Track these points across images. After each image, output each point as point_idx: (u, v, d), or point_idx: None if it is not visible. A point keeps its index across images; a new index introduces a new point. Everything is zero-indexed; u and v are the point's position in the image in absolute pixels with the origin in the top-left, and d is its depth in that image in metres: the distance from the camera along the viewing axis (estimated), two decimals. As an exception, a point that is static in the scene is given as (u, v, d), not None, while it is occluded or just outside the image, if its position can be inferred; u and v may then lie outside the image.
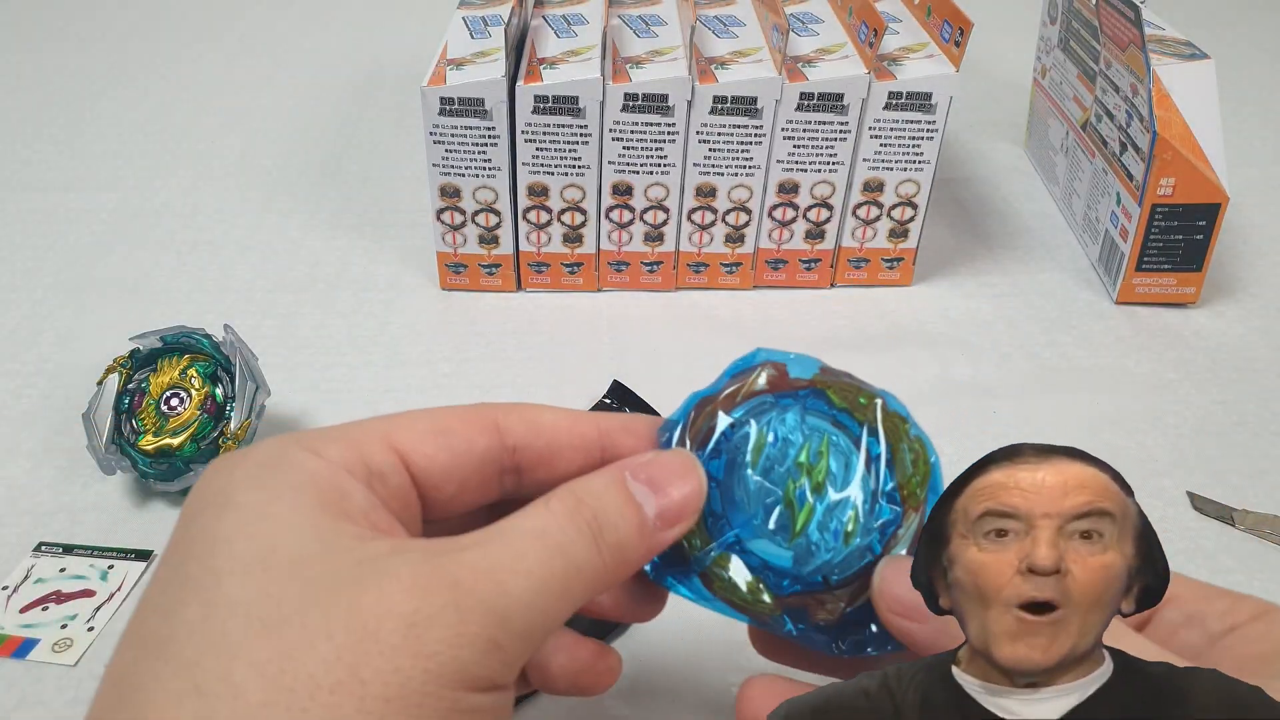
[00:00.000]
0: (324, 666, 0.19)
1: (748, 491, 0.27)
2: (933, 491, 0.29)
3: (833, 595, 0.27)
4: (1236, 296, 0.64)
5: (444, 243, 0.62)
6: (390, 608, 0.20)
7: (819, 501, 0.27)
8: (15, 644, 0.41)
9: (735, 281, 0.64)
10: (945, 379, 0.57)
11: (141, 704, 0.20)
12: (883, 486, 0.28)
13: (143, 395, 0.47)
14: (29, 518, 0.47)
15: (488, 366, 0.57)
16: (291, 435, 0.24)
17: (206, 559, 0.21)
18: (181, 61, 0.99)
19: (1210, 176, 0.58)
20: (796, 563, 0.27)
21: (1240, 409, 0.55)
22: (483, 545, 0.22)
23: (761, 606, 0.27)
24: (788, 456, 0.28)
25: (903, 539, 0.28)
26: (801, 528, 0.27)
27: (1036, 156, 0.79)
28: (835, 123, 0.58)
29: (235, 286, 0.64)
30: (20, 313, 0.62)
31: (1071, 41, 0.71)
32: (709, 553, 0.28)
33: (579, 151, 0.58)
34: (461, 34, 0.61)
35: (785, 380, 0.29)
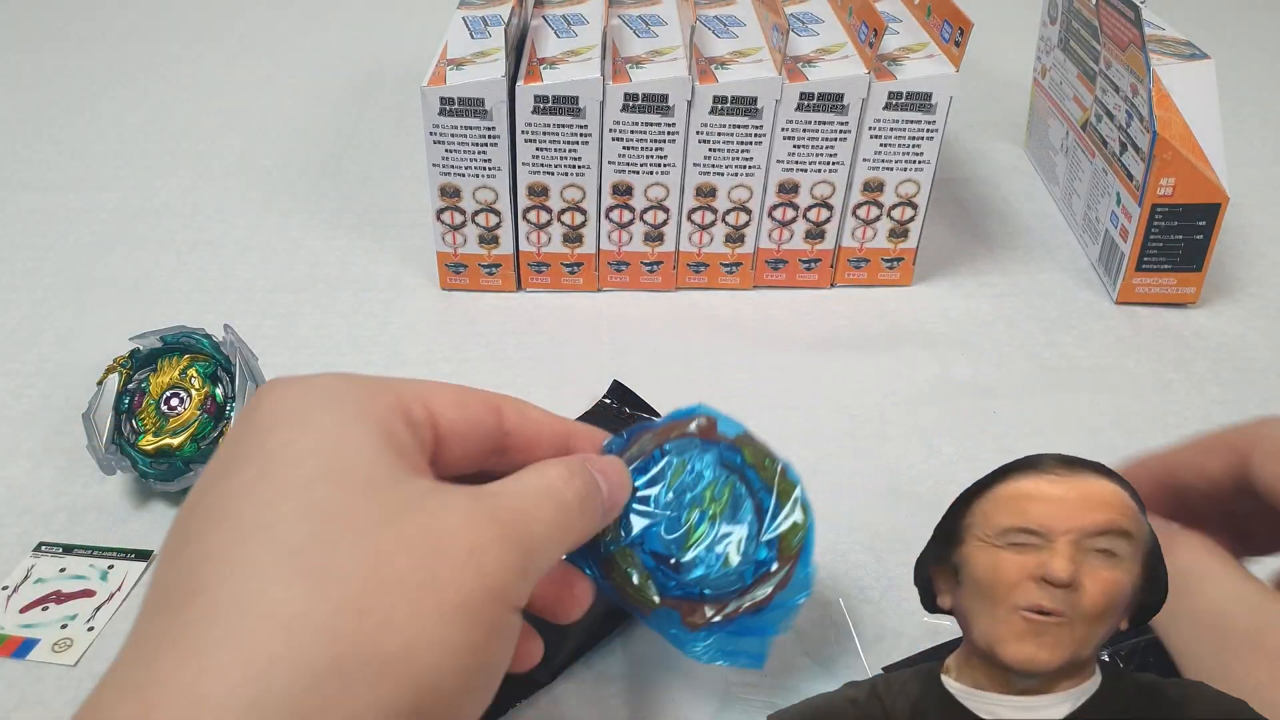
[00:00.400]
0: (409, 570, 0.23)
1: (659, 504, 0.33)
2: (804, 551, 0.34)
3: (704, 606, 0.33)
4: (1236, 296, 0.65)
5: (444, 243, 0.62)
6: (455, 533, 0.24)
7: (711, 527, 0.33)
8: (15, 644, 0.41)
9: (735, 281, 0.64)
10: (945, 379, 0.57)
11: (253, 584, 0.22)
12: (765, 533, 0.33)
13: (143, 395, 0.47)
14: (29, 518, 0.47)
15: (488, 366, 0.57)
16: (342, 375, 0.28)
17: (295, 467, 0.24)
18: (181, 61, 0.99)
19: (1210, 176, 0.58)
20: (680, 570, 0.33)
21: (1240, 409, 0.55)
22: (511, 494, 0.27)
23: (645, 600, 0.33)
24: (697, 486, 0.33)
25: (773, 579, 0.33)
26: (692, 544, 0.33)
27: (1036, 156, 0.80)
28: (835, 123, 0.58)
29: (235, 286, 0.64)
30: (20, 313, 0.62)
31: (1071, 41, 0.71)
32: (615, 544, 0.33)
33: (579, 151, 0.58)
34: (461, 34, 0.61)
35: (713, 431, 0.35)
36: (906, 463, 0.51)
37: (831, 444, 0.52)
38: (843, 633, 0.41)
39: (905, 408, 0.54)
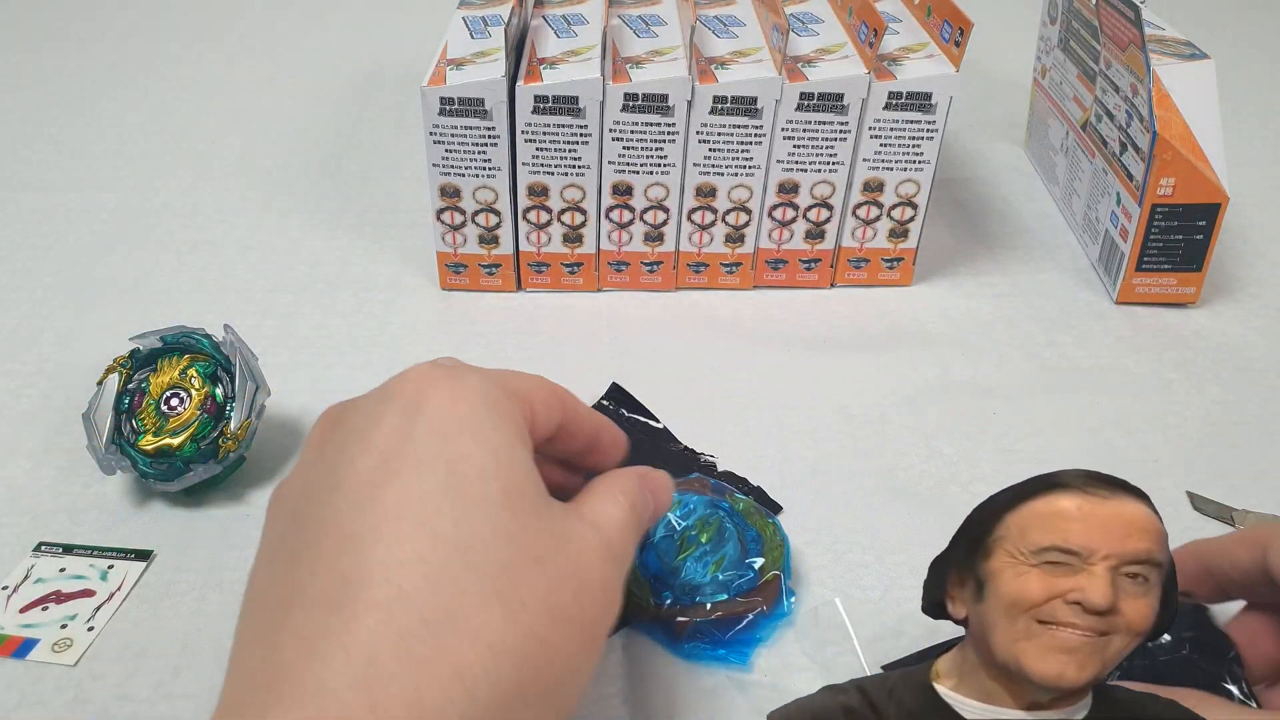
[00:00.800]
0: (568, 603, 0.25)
1: (664, 523, 0.42)
2: (784, 573, 0.42)
3: (690, 611, 0.40)
4: (1236, 296, 0.64)
5: (444, 243, 0.62)
6: (593, 569, 0.27)
7: (701, 546, 0.42)
8: (15, 644, 0.41)
9: (735, 281, 0.64)
10: (945, 379, 0.57)
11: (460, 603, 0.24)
12: (749, 557, 0.42)
13: (143, 395, 0.47)
14: (29, 518, 0.47)
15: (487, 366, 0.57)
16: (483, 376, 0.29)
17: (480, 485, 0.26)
18: (181, 61, 0.99)
19: (1210, 176, 0.58)
20: (671, 574, 0.41)
21: (1240, 409, 0.55)
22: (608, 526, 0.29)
23: (645, 602, 0.40)
24: (689, 518, 0.42)
25: (756, 594, 0.41)
26: (683, 557, 0.41)
27: (1036, 156, 0.79)
28: (835, 123, 0.58)
29: (235, 286, 0.64)
30: (20, 313, 0.62)
31: (1071, 41, 0.71)
32: None
33: (579, 151, 0.58)
34: (461, 34, 0.61)
35: (707, 488, 0.45)
36: (906, 463, 0.51)
37: (831, 444, 0.52)
38: (841, 632, 0.41)
39: (905, 408, 0.54)
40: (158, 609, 0.43)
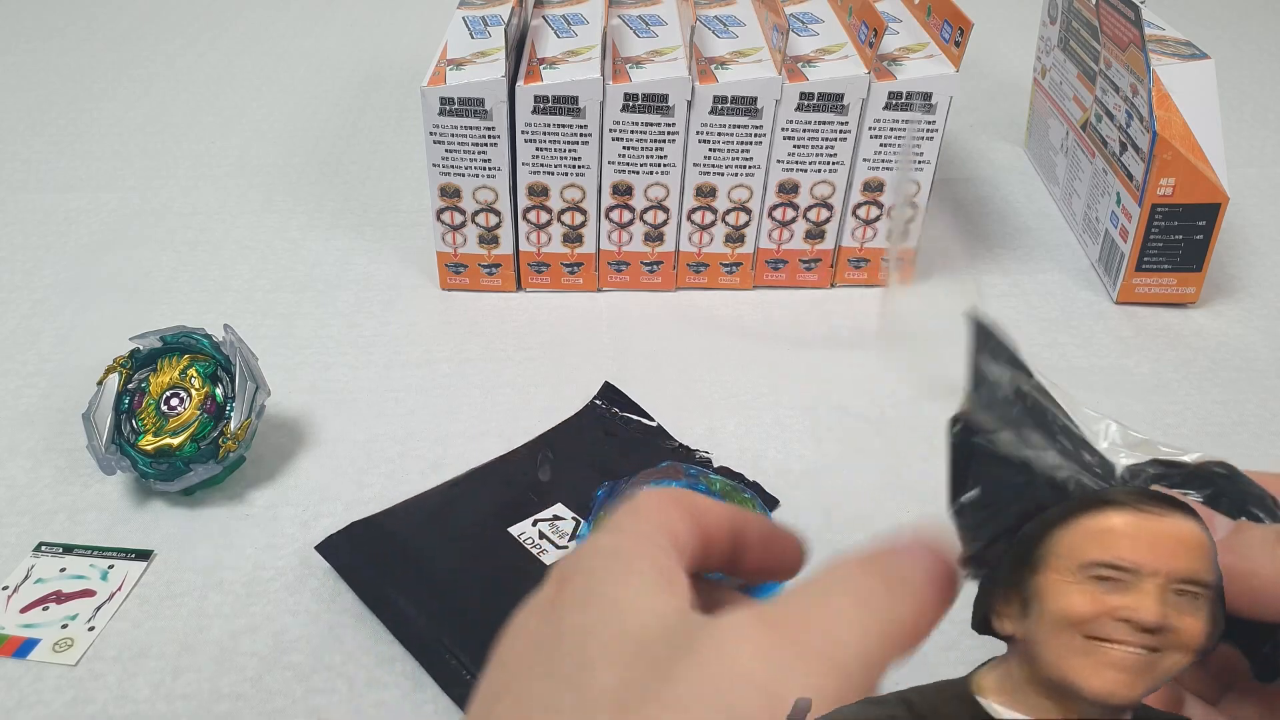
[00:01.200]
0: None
1: None
2: None
3: None
4: (1236, 296, 0.64)
5: (444, 243, 0.62)
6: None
7: None
8: (15, 644, 0.41)
9: (735, 281, 0.64)
10: (945, 379, 0.57)
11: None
12: None
13: (143, 395, 0.47)
14: (29, 518, 0.47)
15: (488, 366, 0.57)
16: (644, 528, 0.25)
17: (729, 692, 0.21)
18: (181, 61, 0.99)
19: (1210, 176, 0.58)
20: None
21: (1240, 409, 0.55)
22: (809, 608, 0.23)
23: None
24: None
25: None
26: None
27: (1036, 156, 0.79)
28: (835, 123, 0.58)
29: (235, 286, 0.64)
30: (20, 313, 0.62)
31: (1071, 41, 0.71)
32: None
33: (579, 151, 0.58)
34: (461, 34, 0.61)
35: (680, 473, 0.45)
36: (906, 462, 0.51)
37: (831, 444, 0.52)
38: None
39: (905, 408, 0.54)
40: (158, 609, 0.43)
